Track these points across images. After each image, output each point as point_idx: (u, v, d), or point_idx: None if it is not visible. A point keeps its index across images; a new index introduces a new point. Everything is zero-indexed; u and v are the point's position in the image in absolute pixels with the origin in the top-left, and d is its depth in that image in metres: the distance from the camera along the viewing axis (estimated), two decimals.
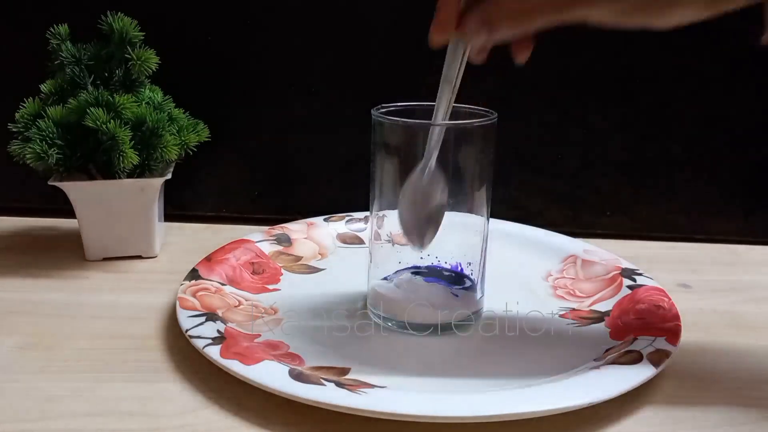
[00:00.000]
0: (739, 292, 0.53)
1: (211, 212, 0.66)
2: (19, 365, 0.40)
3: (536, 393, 0.36)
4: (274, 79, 0.63)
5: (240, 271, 0.51)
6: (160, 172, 0.55)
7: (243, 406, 0.36)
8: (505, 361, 0.41)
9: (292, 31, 0.61)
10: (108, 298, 0.49)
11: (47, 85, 0.53)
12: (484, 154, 0.43)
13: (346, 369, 0.39)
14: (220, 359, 0.38)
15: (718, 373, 0.41)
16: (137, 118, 0.52)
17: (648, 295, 0.47)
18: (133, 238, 0.55)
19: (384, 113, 0.43)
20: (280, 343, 0.42)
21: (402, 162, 0.43)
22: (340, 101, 0.63)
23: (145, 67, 0.53)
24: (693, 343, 0.44)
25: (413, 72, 0.62)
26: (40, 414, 0.36)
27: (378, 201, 0.44)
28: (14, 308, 0.47)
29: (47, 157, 0.50)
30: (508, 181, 0.62)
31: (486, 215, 0.44)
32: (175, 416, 0.36)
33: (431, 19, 0.39)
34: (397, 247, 0.45)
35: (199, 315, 0.43)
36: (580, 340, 0.43)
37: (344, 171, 0.64)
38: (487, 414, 0.34)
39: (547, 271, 0.53)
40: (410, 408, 0.34)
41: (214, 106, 0.62)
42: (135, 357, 0.41)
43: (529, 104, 0.62)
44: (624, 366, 0.38)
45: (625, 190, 0.63)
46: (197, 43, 0.62)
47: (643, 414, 0.37)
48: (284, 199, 0.66)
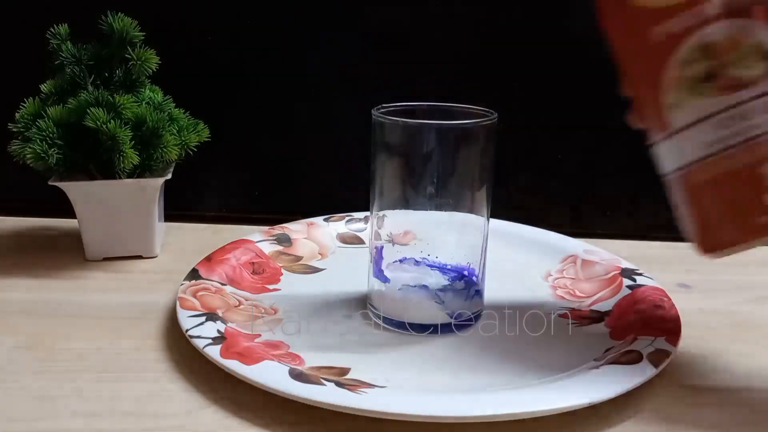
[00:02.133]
0: (739, 292, 0.53)
1: (211, 212, 0.66)
2: (19, 365, 0.40)
3: (536, 393, 0.36)
4: (274, 79, 0.63)
5: (240, 271, 0.51)
6: (160, 172, 0.55)
7: (243, 406, 0.36)
8: (505, 361, 0.41)
9: (292, 31, 0.61)
10: (108, 298, 0.49)
11: (47, 85, 0.53)
12: (484, 154, 0.43)
13: (346, 369, 0.39)
14: (220, 359, 0.38)
15: (718, 373, 0.41)
16: (137, 118, 0.52)
17: (648, 295, 0.47)
18: (133, 238, 0.55)
19: (384, 113, 0.43)
20: (280, 343, 0.42)
21: (402, 162, 0.43)
22: (340, 101, 0.63)
23: (145, 67, 0.53)
24: (693, 343, 0.44)
25: (413, 72, 0.62)
26: (40, 414, 0.36)
27: (378, 201, 0.44)
28: (14, 308, 0.47)
29: (47, 157, 0.50)
30: (508, 181, 0.62)
31: (486, 215, 0.44)
32: (175, 416, 0.36)
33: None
34: (398, 247, 0.45)
35: (199, 315, 0.43)
36: (580, 340, 0.43)
37: (344, 171, 0.64)
38: (487, 414, 0.34)
39: (547, 271, 0.53)
40: (410, 408, 0.34)
41: (214, 106, 0.62)
42: (135, 357, 0.41)
43: (529, 104, 0.62)
44: (624, 366, 0.38)
45: (625, 190, 0.63)
46: (197, 43, 0.62)
47: (643, 414, 0.37)
48: (284, 199, 0.66)
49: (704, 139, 0.36)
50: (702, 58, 0.36)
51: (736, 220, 0.37)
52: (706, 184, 0.37)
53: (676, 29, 0.36)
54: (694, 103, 0.36)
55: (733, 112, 0.35)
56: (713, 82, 0.35)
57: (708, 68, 0.35)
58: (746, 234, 0.36)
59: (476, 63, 0.62)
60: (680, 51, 0.36)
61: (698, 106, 0.36)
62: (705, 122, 0.36)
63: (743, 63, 0.35)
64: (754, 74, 0.35)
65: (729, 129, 0.35)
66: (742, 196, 0.36)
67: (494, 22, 0.61)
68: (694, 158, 0.37)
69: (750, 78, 0.35)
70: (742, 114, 0.35)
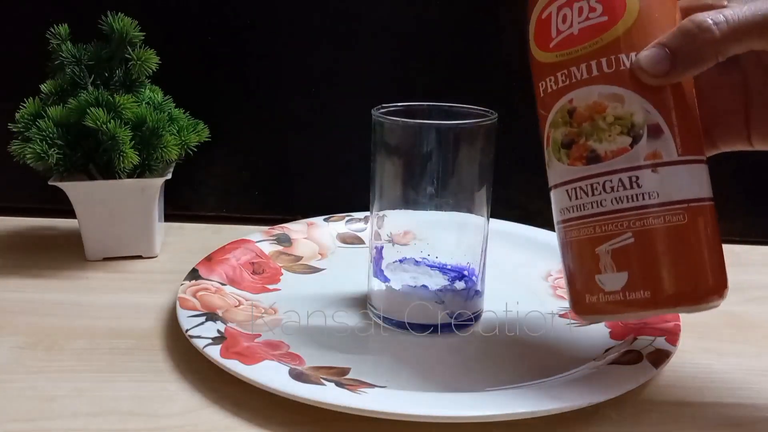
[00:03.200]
0: (739, 292, 0.52)
1: (211, 212, 0.66)
2: (19, 365, 0.40)
3: (536, 393, 0.36)
4: (274, 79, 0.63)
5: (240, 271, 0.51)
6: (161, 172, 0.55)
7: (243, 406, 0.36)
8: (505, 361, 0.41)
9: (292, 31, 0.61)
10: (108, 298, 0.49)
11: (47, 85, 0.53)
12: (484, 154, 0.43)
13: (346, 369, 0.39)
14: (220, 359, 0.38)
15: (718, 373, 0.41)
16: (137, 118, 0.52)
17: None
18: (133, 238, 0.55)
19: (384, 113, 0.43)
20: (280, 343, 0.42)
21: (402, 162, 0.43)
22: (340, 101, 0.63)
23: (145, 67, 0.53)
24: (693, 343, 0.44)
25: (413, 72, 0.62)
26: (40, 414, 0.36)
27: (378, 201, 0.44)
28: (14, 308, 0.47)
29: (47, 157, 0.50)
30: (508, 181, 0.62)
31: (486, 215, 0.44)
32: (175, 416, 0.36)
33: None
34: (398, 247, 0.45)
35: (199, 315, 0.43)
36: (580, 340, 0.43)
37: (344, 171, 0.64)
38: (487, 414, 0.34)
39: (547, 271, 0.53)
40: (410, 408, 0.34)
41: (214, 106, 0.62)
42: (135, 357, 0.41)
43: (529, 104, 0.62)
44: (624, 366, 0.38)
45: None
46: (197, 43, 0.62)
47: (643, 414, 0.37)
48: (284, 199, 0.66)
49: (562, 203, 0.35)
50: (564, 124, 0.35)
51: (581, 292, 0.35)
52: (569, 246, 0.36)
53: (555, 87, 0.35)
54: (556, 166, 0.35)
55: (582, 184, 0.34)
56: (569, 149, 0.34)
57: (567, 134, 0.34)
58: (592, 308, 0.35)
59: (476, 63, 0.62)
60: (553, 110, 0.35)
61: (559, 170, 0.35)
62: (561, 188, 0.35)
63: (600, 135, 0.33)
64: (609, 148, 0.33)
65: (578, 200, 0.34)
66: (582, 270, 0.35)
67: (494, 21, 0.61)
68: (559, 218, 0.36)
69: (604, 152, 0.33)
70: (591, 187, 0.34)
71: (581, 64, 0.34)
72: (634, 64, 0.33)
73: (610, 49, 0.33)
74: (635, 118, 0.33)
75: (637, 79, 0.33)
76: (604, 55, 0.33)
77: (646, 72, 0.32)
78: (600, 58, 0.33)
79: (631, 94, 0.33)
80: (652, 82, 0.32)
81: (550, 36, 0.35)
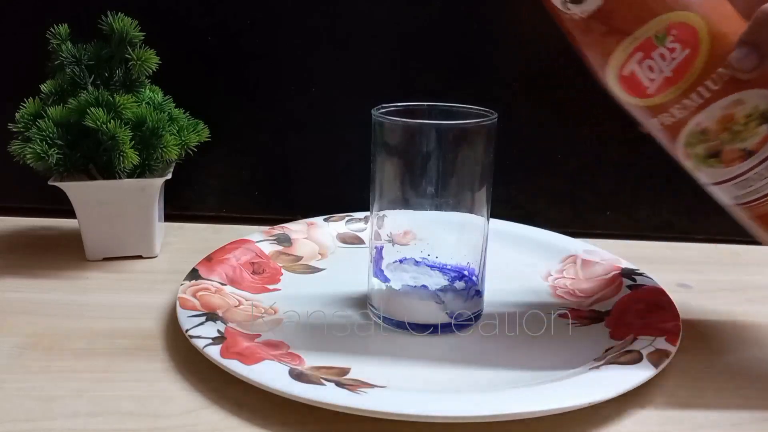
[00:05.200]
0: (739, 292, 0.53)
1: (211, 212, 0.66)
2: (19, 365, 0.40)
3: (536, 393, 0.36)
4: (274, 79, 0.63)
5: (240, 271, 0.51)
6: (160, 172, 0.55)
7: (243, 406, 0.36)
8: (505, 361, 0.41)
9: (292, 31, 0.61)
10: (108, 298, 0.49)
11: (47, 85, 0.53)
12: (484, 154, 0.43)
13: (346, 369, 0.39)
14: (220, 359, 0.38)
15: (718, 373, 0.41)
16: (137, 118, 0.52)
17: (648, 296, 0.47)
18: (133, 238, 0.55)
19: (384, 113, 0.43)
20: (280, 343, 0.42)
21: (402, 162, 0.43)
22: (340, 101, 0.63)
23: (145, 67, 0.53)
24: (693, 343, 0.44)
25: (413, 72, 0.62)
26: (40, 414, 0.36)
27: (378, 201, 0.44)
28: (14, 308, 0.47)
29: (47, 157, 0.50)
30: (508, 181, 0.62)
31: (486, 215, 0.44)
32: (175, 416, 0.36)
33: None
34: (398, 247, 0.45)
35: (200, 315, 0.43)
36: (580, 340, 0.43)
37: (344, 171, 0.64)
38: (487, 414, 0.34)
39: (547, 271, 0.53)
40: (410, 408, 0.34)
41: (214, 106, 0.62)
42: (135, 357, 0.41)
43: (529, 104, 0.62)
44: (624, 366, 0.38)
45: (625, 190, 0.63)
46: (197, 43, 0.62)
47: (643, 414, 0.37)
48: (284, 199, 0.66)
49: (736, 192, 0.38)
50: (700, 142, 0.37)
51: None
52: (760, 219, 0.38)
53: (668, 122, 0.37)
54: (710, 170, 0.38)
55: (750, 174, 0.37)
56: (719, 156, 0.37)
57: (709, 148, 0.37)
58: None
59: (476, 63, 0.62)
60: (681, 137, 0.37)
61: (716, 172, 0.38)
62: (727, 183, 0.38)
63: (742, 136, 0.36)
64: (755, 141, 0.36)
65: (752, 187, 0.37)
66: None
67: (494, 22, 0.61)
68: (735, 202, 0.39)
69: (753, 145, 0.36)
70: (759, 175, 0.37)
71: (690, 94, 0.36)
72: (730, 69, 0.35)
73: (707, 71, 0.36)
74: (762, 108, 0.35)
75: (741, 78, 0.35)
76: (705, 78, 0.36)
77: (741, 71, 0.35)
78: (703, 82, 0.36)
79: (745, 93, 0.35)
80: (751, 76, 0.35)
81: (643, 86, 0.37)
